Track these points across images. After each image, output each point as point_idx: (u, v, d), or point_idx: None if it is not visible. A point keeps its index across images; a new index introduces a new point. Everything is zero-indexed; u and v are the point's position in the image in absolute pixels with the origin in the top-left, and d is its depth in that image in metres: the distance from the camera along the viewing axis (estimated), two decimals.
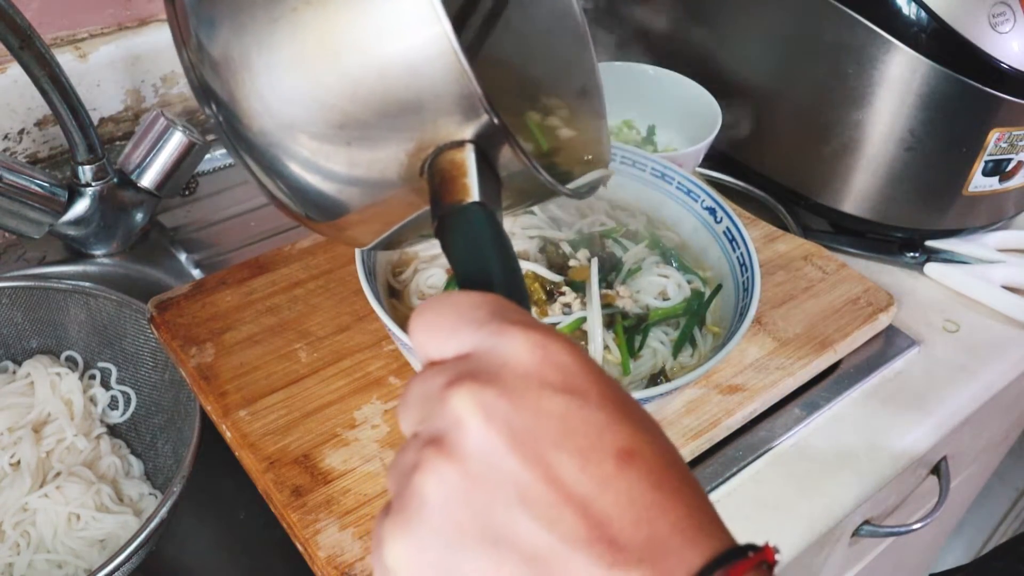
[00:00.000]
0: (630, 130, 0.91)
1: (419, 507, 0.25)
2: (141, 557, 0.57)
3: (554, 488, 0.24)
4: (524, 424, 0.25)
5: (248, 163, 0.42)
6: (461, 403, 0.25)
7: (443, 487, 0.25)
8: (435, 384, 0.26)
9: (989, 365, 0.74)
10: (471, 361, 0.26)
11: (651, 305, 0.62)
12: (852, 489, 0.63)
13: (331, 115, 0.36)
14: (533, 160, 0.38)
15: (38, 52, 0.65)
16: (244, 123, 0.38)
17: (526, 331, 0.26)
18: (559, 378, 0.26)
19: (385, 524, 0.26)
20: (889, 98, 0.74)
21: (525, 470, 0.24)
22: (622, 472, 0.24)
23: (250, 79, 0.37)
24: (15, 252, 0.80)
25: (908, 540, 1.07)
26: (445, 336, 0.28)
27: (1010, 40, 0.70)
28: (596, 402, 0.25)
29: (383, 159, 0.38)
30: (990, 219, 0.83)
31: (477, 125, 0.36)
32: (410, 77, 0.35)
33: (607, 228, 0.67)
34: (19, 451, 0.66)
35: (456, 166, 0.36)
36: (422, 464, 0.25)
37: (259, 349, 0.64)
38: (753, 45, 0.84)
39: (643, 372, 0.58)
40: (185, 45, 0.39)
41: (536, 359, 0.26)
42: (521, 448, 0.24)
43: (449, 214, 0.36)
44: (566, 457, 0.24)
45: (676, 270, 0.64)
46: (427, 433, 0.26)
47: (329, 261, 0.71)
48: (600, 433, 0.25)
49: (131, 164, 0.77)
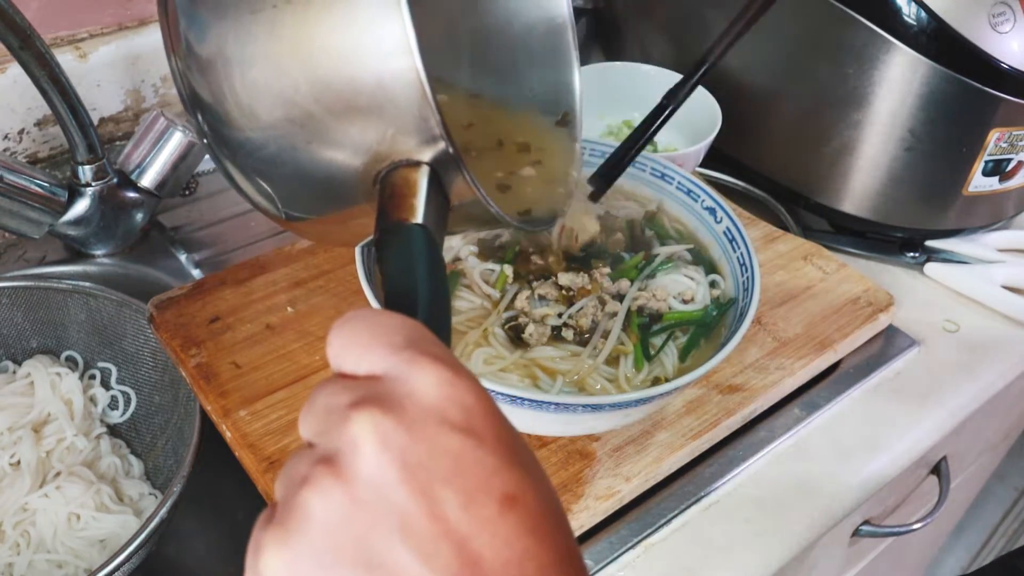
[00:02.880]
0: (630, 130, 0.91)
1: (301, 522, 0.25)
2: (141, 557, 0.57)
3: (436, 523, 0.25)
4: (418, 458, 0.25)
5: (229, 169, 0.43)
6: (360, 427, 0.26)
7: (328, 507, 0.25)
8: (340, 400, 0.27)
9: (989, 365, 0.74)
10: (379, 385, 0.27)
11: (672, 306, 0.62)
12: (852, 489, 0.63)
13: (294, 112, 0.37)
14: (484, 193, 0.39)
15: (38, 52, 0.65)
16: (222, 121, 0.40)
17: (437, 366, 0.27)
18: (460, 417, 0.26)
19: (267, 532, 0.26)
20: (889, 98, 0.74)
21: (411, 502, 0.25)
22: (503, 516, 0.25)
23: (226, 72, 0.38)
24: (15, 252, 0.80)
25: (908, 540, 1.07)
26: (360, 353, 0.28)
27: (1010, 40, 0.70)
28: (491, 446, 0.26)
29: (339, 163, 0.39)
30: (990, 219, 0.83)
31: (434, 150, 0.37)
32: (376, 90, 0.36)
33: (649, 215, 0.67)
34: (19, 451, 0.66)
35: (408, 184, 0.37)
36: (312, 480, 0.26)
37: (259, 349, 0.64)
38: (753, 45, 0.84)
39: (646, 374, 0.58)
40: (174, 51, 0.40)
41: (441, 395, 0.27)
42: (411, 481, 0.25)
43: (390, 230, 0.37)
44: (452, 495, 0.25)
45: (704, 273, 0.64)
46: (322, 449, 0.27)
47: (329, 261, 0.71)
48: (489, 476, 0.26)
49: (131, 164, 0.77)
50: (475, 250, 0.64)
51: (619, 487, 0.58)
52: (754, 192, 0.87)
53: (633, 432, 0.61)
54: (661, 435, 0.61)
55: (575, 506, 0.57)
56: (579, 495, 0.57)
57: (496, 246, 0.64)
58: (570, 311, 0.59)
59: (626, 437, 0.61)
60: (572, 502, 0.57)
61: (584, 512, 0.57)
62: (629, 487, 0.58)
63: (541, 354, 0.58)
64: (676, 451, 0.60)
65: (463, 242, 0.64)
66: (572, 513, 0.56)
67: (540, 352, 0.58)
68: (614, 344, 0.58)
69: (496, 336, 0.58)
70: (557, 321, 0.59)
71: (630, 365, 0.58)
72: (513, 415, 0.53)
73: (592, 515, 0.57)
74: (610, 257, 0.64)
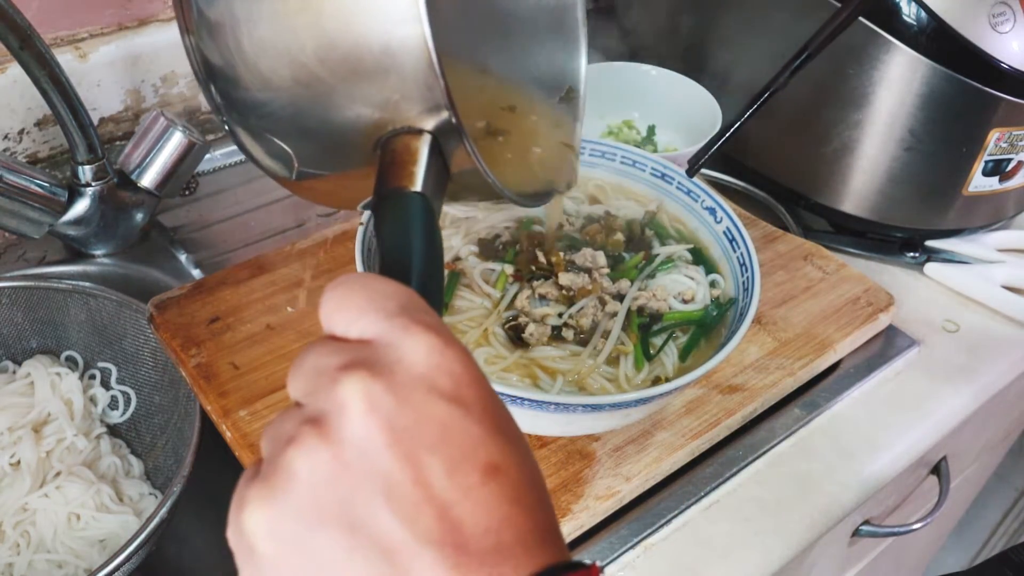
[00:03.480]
0: (630, 130, 0.91)
1: (287, 480, 0.26)
2: (141, 557, 0.57)
3: (420, 488, 0.25)
4: (405, 423, 0.26)
5: (238, 132, 0.43)
6: (349, 390, 0.26)
7: (314, 467, 0.25)
8: (330, 362, 0.27)
9: (989, 365, 0.74)
10: (370, 350, 0.27)
11: (672, 306, 0.61)
12: (852, 489, 0.63)
13: (299, 72, 0.37)
14: (485, 165, 0.39)
15: (38, 52, 0.65)
16: (231, 82, 0.40)
17: (428, 333, 0.27)
18: (448, 386, 0.27)
19: (251, 487, 0.27)
20: (889, 98, 0.74)
21: (396, 467, 0.25)
22: (485, 484, 0.26)
23: (233, 31, 0.38)
24: (15, 252, 0.80)
25: (908, 540, 1.07)
26: (352, 317, 0.28)
27: (1010, 40, 0.70)
28: (477, 415, 0.27)
29: (342, 126, 0.39)
30: (990, 219, 0.83)
31: (437, 119, 0.37)
32: (382, 55, 0.36)
33: (649, 215, 0.67)
34: (19, 451, 0.66)
35: (408, 152, 0.37)
36: (298, 439, 0.26)
37: (259, 349, 0.64)
38: (753, 45, 0.84)
39: (646, 374, 0.58)
40: (187, 28, 0.40)
41: (431, 363, 0.27)
42: (397, 445, 0.25)
43: (389, 196, 0.37)
44: (437, 462, 0.25)
45: (704, 273, 0.64)
46: (311, 410, 0.27)
47: (329, 261, 0.71)
48: (474, 445, 0.26)
49: (131, 164, 0.77)
50: (475, 250, 0.64)
51: (619, 487, 0.58)
52: (754, 192, 0.87)
53: (633, 432, 0.61)
54: (661, 435, 0.61)
55: (575, 506, 0.57)
56: (579, 495, 0.57)
57: (496, 246, 0.65)
58: (570, 311, 0.59)
59: (626, 437, 0.61)
60: (572, 502, 0.57)
61: (584, 512, 0.57)
62: (629, 487, 0.58)
63: (541, 354, 0.58)
64: (676, 451, 0.60)
65: (463, 242, 0.64)
66: (572, 513, 0.56)
67: (540, 352, 0.58)
68: (614, 344, 0.58)
69: (496, 336, 0.58)
70: (557, 321, 0.59)
71: (630, 365, 0.58)
72: (513, 415, 0.54)
73: (592, 515, 0.57)
74: (610, 257, 0.64)
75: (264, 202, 0.88)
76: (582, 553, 0.57)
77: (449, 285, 0.61)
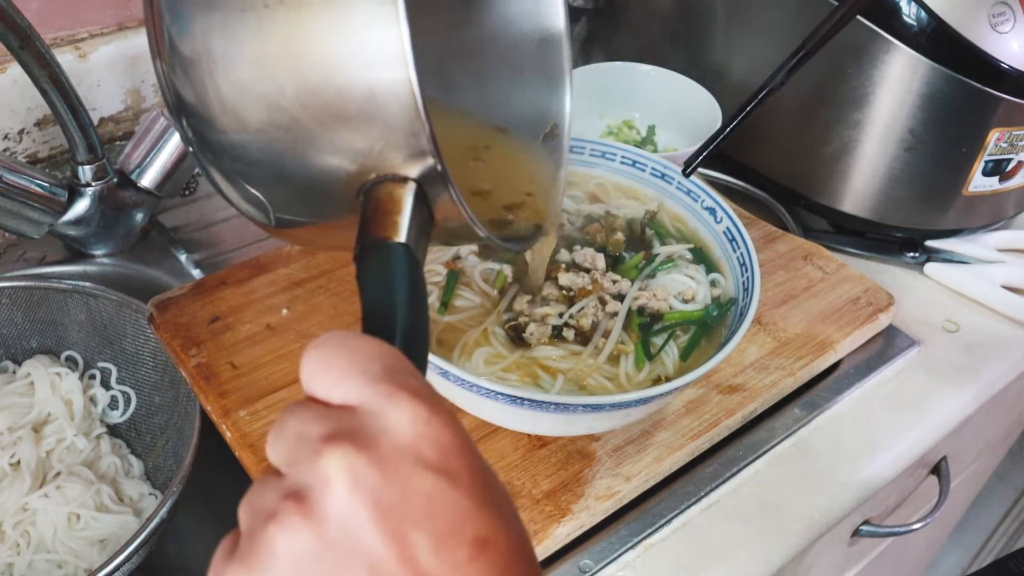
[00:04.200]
0: (630, 130, 0.91)
1: (267, 559, 0.25)
2: (141, 557, 0.57)
3: (407, 567, 0.24)
4: (390, 498, 0.25)
5: (213, 175, 0.41)
6: (333, 464, 0.25)
7: (295, 545, 0.25)
8: (313, 431, 0.26)
9: (989, 365, 0.74)
10: (353, 418, 0.26)
11: (672, 305, 0.61)
12: (852, 489, 0.63)
13: (279, 117, 0.36)
14: (472, 214, 0.37)
15: (38, 52, 0.65)
16: (205, 123, 0.38)
17: (413, 402, 0.27)
18: (435, 456, 0.26)
19: (229, 567, 0.26)
20: (889, 98, 0.74)
21: (382, 544, 0.24)
22: (474, 561, 0.25)
23: (211, 71, 0.36)
24: (15, 252, 0.80)
25: (908, 540, 1.07)
26: (335, 380, 0.27)
27: (1010, 40, 0.70)
28: (465, 487, 0.26)
29: (323, 173, 0.37)
30: (990, 219, 0.83)
31: (422, 166, 0.36)
32: (367, 101, 0.34)
33: (649, 215, 0.67)
34: (19, 451, 0.66)
35: (392, 201, 0.36)
36: (279, 516, 0.25)
37: (259, 349, 0.64)
38: (753, 45, 0.84)
39: (647, 373, 0.58)
40: (159, 54, 0.39)
41: (417, 433, 0.26)
42: (382, 522, 0.25)
43: (371, 247, 0.35)
44: (424, 538, 0.25)
45: (704, 273, 0.64)
46: (292, 482, 0.26)
47: (329, 261, 0.71)
48: (462, 519, 0.25)
49: (131, 164, 0.77)
50: (475, 249, 0.64)
51: (619, 487, 0.58)
52: (754, 192, 0.87)
53: (633, 432, 0.61)
54: (661, 435, 0.61)
55: (575, 506, 0.57)
56: (579, 495, 0.57)
57: None
58: (571, 311, 0.59)
59: (626, 437, 0.61)
60: (572, 502, 0.57)
61: (584, 512, 0.57)
62: (629, 487, 0.58)
63: (542, 353, 0.58)
64: (676, 451, 0.60)
65: None
66: (572, 513, 0.56)
67: (541, 351, 0.58)
68: (615, 343, 0.58)
69: (496, 335, 0.58)
70: (558, 321, 0.59)
71: (631, 364, 0.58)
72: (513, 415, 0.54)
73: (592, 515, 0.57)
74: (611, 257, 0.64)
75: None
76: (582, 553, 0.57)
77: (449, 284, 0.61)
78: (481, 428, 0.59)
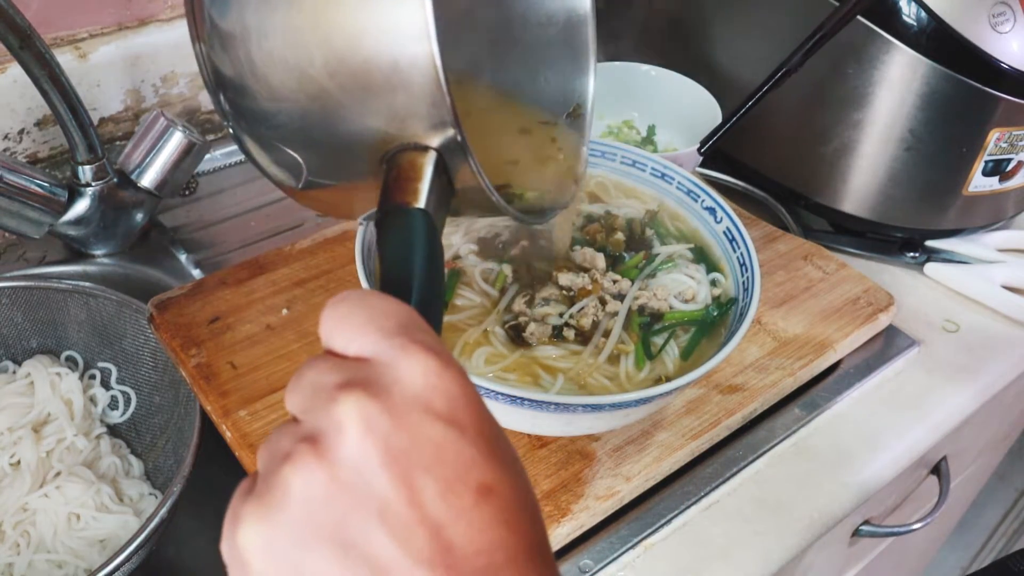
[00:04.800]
0: (630, 130, 0.91)
1: (282, 498, 0.26)
2: (141, 557, 0.57)
3: (414, 509, 0.25)
4: (400, 444, 0.26)
5: (245, 141, 0.43)
6: (346, 410, 0.26)
7: (309, 485, 0.26)
8: (328, 380, 0.27)
9: (989, 365, 0.74)
10: (368, 368, 0.27)
11: (672, 305, 0.61)
12: (852, 489, 0.63)
13: (309, 85, 0.38)
14: (491, 185, 0.39)
15: (38, 52, 0.65)
16: (240, 92, 0.40)
17: (426, 354, 0.27)
18: (444, 407, 0.27)
19: (247, 503, 0.27)
20: (889, 98, 0.74)
21: (391, 487, 0.25)
22: (478, 506, 0.26)
23: (244, 43, 0.39)
24: (15, 252, 0.80)
25: (908, 540, 1.07)
26: (352, 334, 0.29)
27: (1010, 40, 0.70)
28: (471, 437, 0.27)
29: (349, 140, 0.39)
30: (990, 219, 0.83)
31: (443, 136, 0.37)
32: (391, 72, 0.36)
33: (650, 214, 0.67)
34: (19, 451, 0.66)
35: (414, 168, 0.38)
36: (295, 457, 0.26)
37: (259, 349, 0.64)
38: (753, 45, 0.84)
39: (648, 373, 0.58)
40: (199, 36, 0.41)
41: (428, 384, 0.27)
42: (392, 466, 0.26)
43: (392, 212, 0.37)
44: (431, 483, 0.26)
45: (705, 272, 0.64)
46: (308, 427, 0.27)
47: (329, 261, 0.71)
48: (468, 467, 0.26)
49: (131, 164, 0.77)
50: (475, 248, 0.64)
51: (619, 487, 0.58)
52: (754, 192, 0.87)
53: (633, 432, 0.61)
54: (661, 435, 0.61)
55: (575, 506, 0.57)
56: (579, 495, 0.57)
57: (496, 245, 0.64)
58: (571, 311, 0.59)
59: (626, 437, 0.61)
60: (572, 502, 0.57)
61: (584, 512, 0.57)
62: (629, 487, 0.58)
63: (542, 353, 0.58)
64: (676, 451, 0.60)
65: (463, 240, 0.64)
66: (572, 513, 0.56)
67: (541, 351, 0.58)
68: (615, 343, 0.58)
69: (496, 335, 0.58)
70: (558, 321, 0.59)
71: (631, 364, 0.58)
72: (513, 415, 0.54)
73: (592, 515, 0.57)
74: (611, 257, 0.64)
75: (264, 202, 0.88)
76: (582, 553, 0.57)
77: (449, 284, 0.61)
78: None
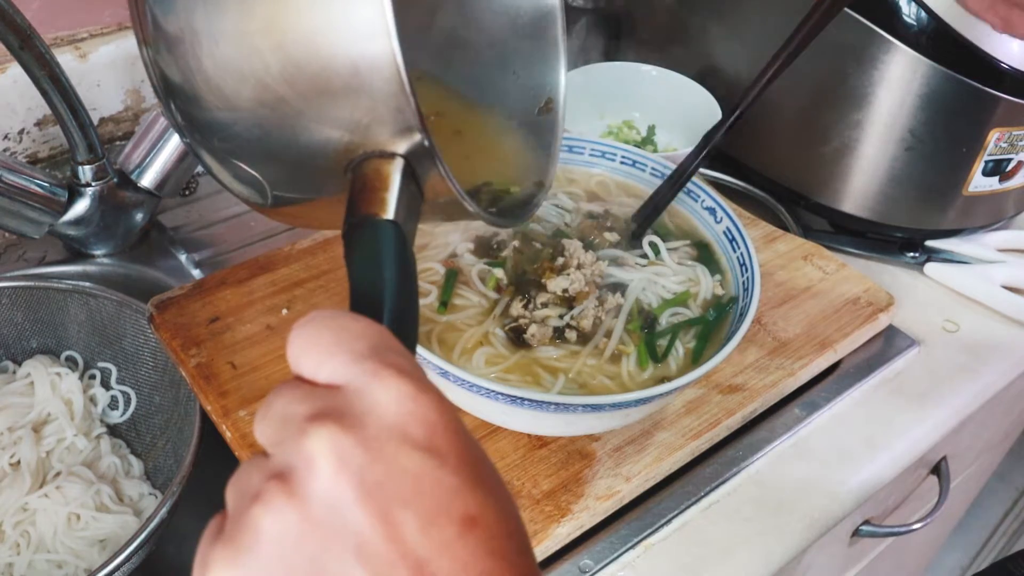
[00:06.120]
0: (630, 130, 0.91)
1: (252, 541, 0.25)
2: (141, 557, 0.57)
3: (394, 546, 0.24)
4: (376, 478, 0.25)
5: (203, 156, 0.41)
6: (318, 444, 0.25)
7: (280, 526, 0.24)
8: (298, 410, 0.26)
9: (989, 365, 0.74)
10: (339, 397, 0.26)
11: (664, 298, 0.61)
12: (852, 489, 0.63)
13: (264, 93, 0.35)
14: (461, 188, 0.37)
15: (38, 52, 0.65)
16: (191, 101, 0.38)
17: (399, 379, 0.26)
18: (422, 435, 0.26)
19: (215, 548, 0.25)
20: (889, 98, 0.74)
21: (368, 524, 0.24)
22: (462, 538, 0.25)
23: (195, 49, 0.36)
24: (15, 252, 0.80)
25: (908, 540, 1.07)
26: (320, 358, 0.27)
27: (1010, 40, 0.70)
28: (452, 464, 0.26)
29: (310, 150, 0.37)
30: (990, 219, 0.83)
31: (410, 142, 0.35)
32: (350, 75, 0.34)
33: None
34: (19, 451, 0.66)
35: (380, 177, 0.35)
36: (264, 496, 0.25)
37: (259, 349, 0.64)
38: (753, 45, 0.84)
39: (650, 372, 0.58)
40: (144, 39, 0.38)
41: (403, 411, 0.26)
42: (368, 501, 0.24)
43: (359, 225, 0.35)
44: (411, 517, 0.24)
45: (705, 272, 0.64)
46: (277, 463, 0.26)
47: (329, 261, 0.71)
48: (450, 497, 0.25)
49: (131, 164, 0.77)
50: (471, 247, 0.64)
51: (619, 487, 0.58)
52: (754, 192, 0.87)
53: (633, 432, 0.61)
54: (661, 435, 0.61)
55: (575, 506, 0.57)
56: (579, 495, 0.57)
57: (492, 244, 0.64)
58: (572, 313, 0.59)
59: (626, 437, 0.61)
60: (572, 502, 0.57)
61: (584, 512, 0.57)
62: (629, 487, 0.58)
63: (543, 353, 0.58)
64: (676, 451, 0.60)
65: (461, 238, 0.64)
66: (572, 513, 0.56)
67: (542, 351, 0.58)
68: (616, 344, 0.58)
69: (497, 337, 0.58)
70: (559, 322, 0.59)
71: (633, 363, 0.58)
72: (514, 415, 0.54)
73: (592, 515, 0.57)
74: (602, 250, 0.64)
75: None
76: (582, 553, 0.57)
77: (448, 283, 0.61)
78: (481, 428, 0.59)
